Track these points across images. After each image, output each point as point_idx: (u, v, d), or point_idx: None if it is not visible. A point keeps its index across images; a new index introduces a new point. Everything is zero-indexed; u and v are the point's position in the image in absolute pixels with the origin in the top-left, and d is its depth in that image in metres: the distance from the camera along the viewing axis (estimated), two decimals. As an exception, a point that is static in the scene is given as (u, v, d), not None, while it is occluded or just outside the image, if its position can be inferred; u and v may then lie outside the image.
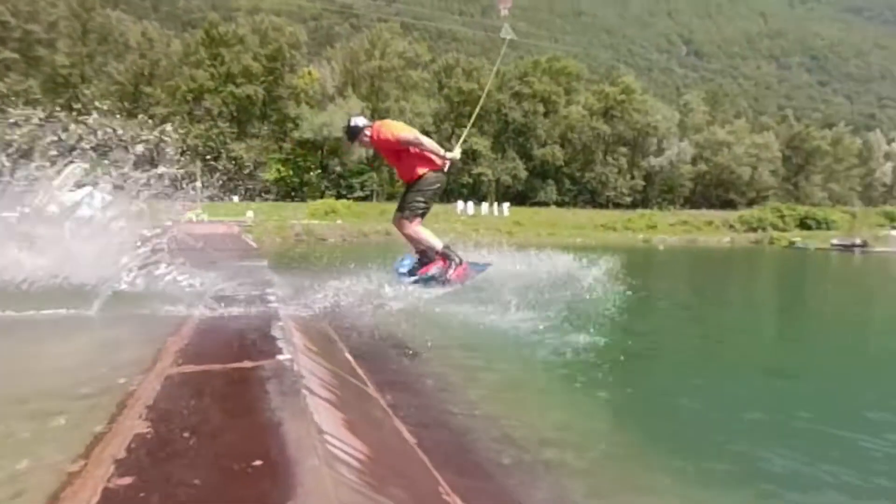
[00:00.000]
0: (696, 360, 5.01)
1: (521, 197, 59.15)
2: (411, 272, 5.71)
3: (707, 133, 67.04)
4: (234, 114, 53.39)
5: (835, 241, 40.46)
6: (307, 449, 1.42)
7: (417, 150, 5.48)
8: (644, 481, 2.78)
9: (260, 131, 54.50)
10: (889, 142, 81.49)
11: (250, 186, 45.75)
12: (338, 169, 53.94)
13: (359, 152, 53.57)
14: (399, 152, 5.48)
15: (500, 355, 4.55)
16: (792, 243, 41.99)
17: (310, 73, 55.65)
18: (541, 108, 62.30)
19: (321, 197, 49.15)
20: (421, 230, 5.51)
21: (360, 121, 5.56)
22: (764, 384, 4.62)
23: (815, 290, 15.52)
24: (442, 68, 64.64)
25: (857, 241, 39.58)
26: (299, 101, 54.16)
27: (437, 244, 5.55)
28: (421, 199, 5.46)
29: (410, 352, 4.61)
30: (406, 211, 5.39)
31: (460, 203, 48.88)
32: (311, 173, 54.32)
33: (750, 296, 13.41)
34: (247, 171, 49.81)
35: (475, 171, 58.92)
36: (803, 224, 49.91)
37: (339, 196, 50.00)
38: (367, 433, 1.94)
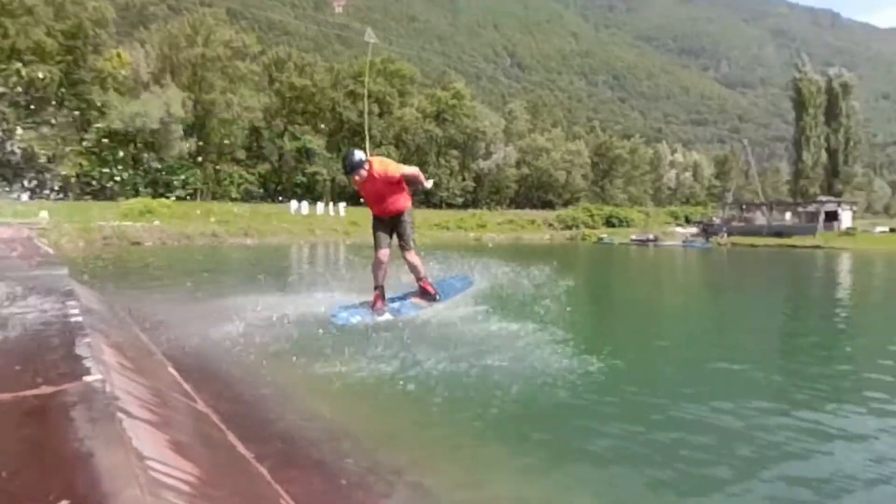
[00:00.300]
0: (525, 347, 5.40)
1: (357, 197, 58.57)
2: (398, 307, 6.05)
3: (529, 139, 72.89)
4: (22, 97, 45.68)
5: (633, 237, 46.45)
6: (125, 478, 1.27)
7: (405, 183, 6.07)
8: (486, 469, 2.94)
9: (56, 119, 47.28)
10: (672, 153, 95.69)
11: (45, 183, 39.51)
12: (154, 165, 48.78)
13: (180, 147, 49.18)
14: (394, 186, 5.91)
15: (341, 359, 4.49)
16: (600, 239, 47.33)
17: (119, 55, 49.59)
18: (375, 109, 62.66)
19: (135, 195, 44.22)
20: (418, 258, 6.14)
21: (361, 155, 5.80)
22: (585, 366, 5.13)
23: (620, 278, 17.65)
24: (273, 61, 61.96)
25: (651, 237, 45.97)
26: (106, 86, 48.03)
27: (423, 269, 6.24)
28: (412, 229, 6.06)
29: (246, 361, 4.36)
30: (411, 242, 5.99)
31: (294, 203, 47.16)
32: (122, 169, 48.67)
33: (570, 285, 14.81)
34: (38, 165, 42.94)
35: (309, 169, 57.38)
36: (608, 222, 56.48)
37: (156, 195, 45.37)
38: (198, 453, 1.80)
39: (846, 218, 48.48)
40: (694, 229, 53.61)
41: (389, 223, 6.00)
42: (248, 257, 21.60)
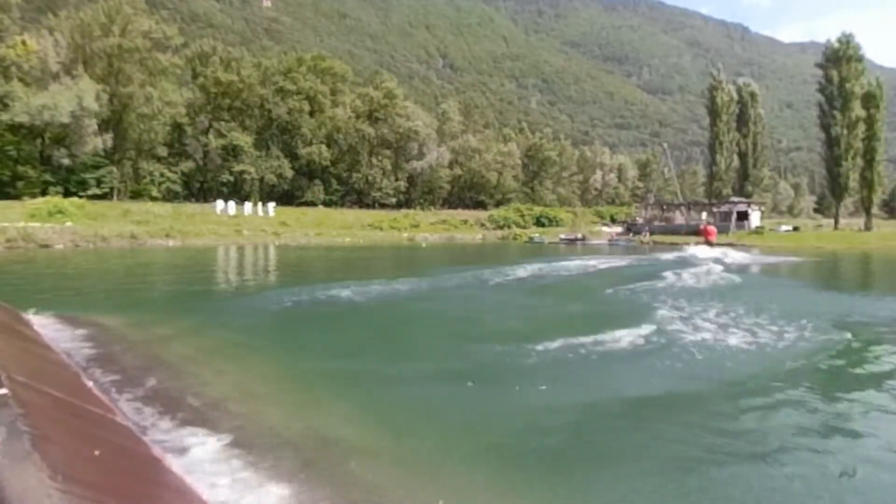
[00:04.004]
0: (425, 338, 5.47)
1: (287, 196, 57.50)
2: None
3: (461, 140, 73.53)
4: None
5: (562, 236, 47.89)
6: (35, 501, 1.19)
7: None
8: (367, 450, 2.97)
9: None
10: (600, 154, 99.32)
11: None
12: (65, 161, 45.44)
13: (94, 142, 46.13)
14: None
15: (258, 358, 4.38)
16: (531, 238, 48.49)
17: (24, 43, 45.71)
18: (306, 107, 61.30)
19: (43, 194, 41.13)
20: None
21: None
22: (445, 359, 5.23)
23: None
24: (196, 55, 59.22)
25: (579, 236, 47.63)
26: (10, 76, 44.24)
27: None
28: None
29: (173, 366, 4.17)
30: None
31: (220, 202, 45.45)
32: (28, 166, 45.20)
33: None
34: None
35: (236, 168, 55.39)
36: (539, 222, 57.92)
37: (67, 193, 42.38)
38: (115, 466, 1.70)
39: (755, 217, 51.98)
40: (619, 228, 55.90)
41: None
42: (174, 262, 20.60)
